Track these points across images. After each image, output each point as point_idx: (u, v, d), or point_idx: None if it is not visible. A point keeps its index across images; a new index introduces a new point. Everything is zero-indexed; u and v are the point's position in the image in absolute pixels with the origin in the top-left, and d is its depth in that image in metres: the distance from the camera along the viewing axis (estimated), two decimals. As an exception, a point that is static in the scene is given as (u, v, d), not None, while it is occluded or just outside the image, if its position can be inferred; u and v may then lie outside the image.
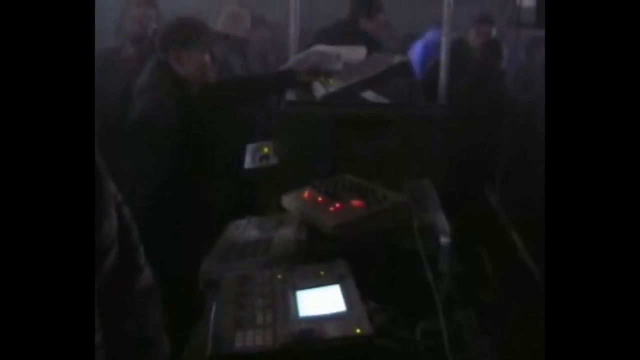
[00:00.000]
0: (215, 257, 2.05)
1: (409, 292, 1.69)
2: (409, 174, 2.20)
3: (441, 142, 2.25)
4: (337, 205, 1.89)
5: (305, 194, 2.04)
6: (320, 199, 1.97)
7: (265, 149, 2.71)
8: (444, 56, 3.13)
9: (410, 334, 1.61)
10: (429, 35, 4.63)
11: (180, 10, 4.36)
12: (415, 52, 4.55)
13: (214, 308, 1.54)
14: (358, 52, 2.88)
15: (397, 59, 2.46)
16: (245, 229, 2.22)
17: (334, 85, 2.49)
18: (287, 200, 2.09)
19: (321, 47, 2.86)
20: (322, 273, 1.63)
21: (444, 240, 1.83)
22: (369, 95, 2.40)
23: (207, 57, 2.59)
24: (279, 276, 1.65)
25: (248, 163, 2.63)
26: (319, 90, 2.52)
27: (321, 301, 1.50)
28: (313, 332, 1.35)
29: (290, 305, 1.49)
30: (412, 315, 1.64)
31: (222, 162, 2.63)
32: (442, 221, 1.90)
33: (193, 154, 2.49)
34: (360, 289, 1.56)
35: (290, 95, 2.59)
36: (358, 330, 1.34)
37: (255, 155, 2.68)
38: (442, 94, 3.15)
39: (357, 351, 1.34)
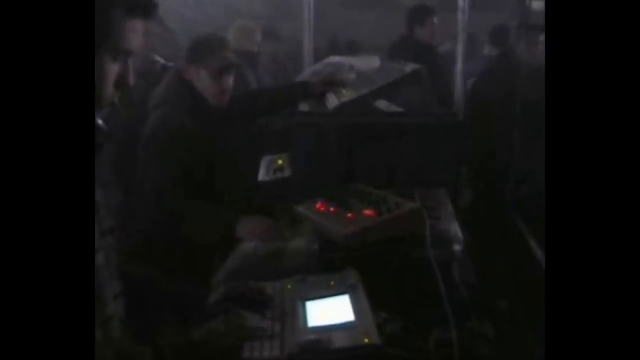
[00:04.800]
0: (228, 269, 2.05)
1: (422, 301, 1.66)
2: (423, 183, 2.17)
3: (455, 150, 2.22)
4: (349, 214, 1.88)
5: (318, 204, 2.03)
6: (332, 208, 1.96)
7: (280, 161, 2.70)
8: (459, 65, 3.13)
9: (423, 343, 1.58)
10: None
11: (194, 24, 4.40)
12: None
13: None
14: (372, 62, 2.87)
15: (409, 67, 2.44)
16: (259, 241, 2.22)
17: (347, 95, 2.47)
18: (300, 211, 2.08)
19: (334, 58, 2.86)
20: (332, 283, 1.62)
21: (457, 248, 1.80)
22: (382, 104, 2.38)
23: (230, 79, 2.52)
24: (289, 287, 1.64)
25: (262, 175, 2.62)
26: (332, 100, 2.51)
27: (330, 311, 1.49)
28: (320, 342, 1.33)
29: (299, 316, 1.48)
30: (426, 324, 1.61)
31: (235, 176, 2.61)
32: (455, 229, 1.88)
33: (207, 168, 2.48)
34: (372, 299, 1.55)
35: (303, 107, 2.58)
36: (366, 340, 1.32)
37: (269, 168, 2.67)
38: (458, 103, 3.15)
39: (366, 360, 1.32)
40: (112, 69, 1.21)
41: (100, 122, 1.21)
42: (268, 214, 2.35)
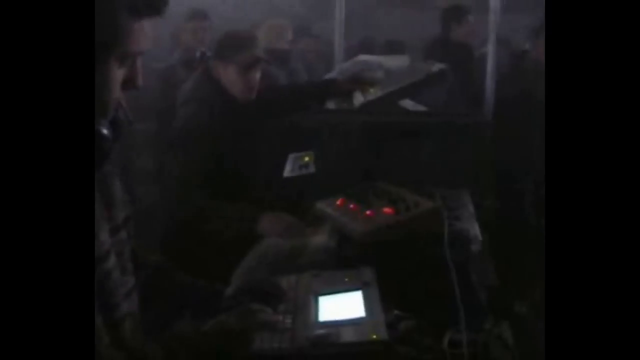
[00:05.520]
0: (248, 264, 2.07)
1: (438, 301, 1.65)
2: (446, 183, 2.16)
3: (480, 151, 2.20)
4: (368, 212, 1.88)
5: (338, 201, 2.04)
6: (352, 206, 1.97)
7: (306, 158, 2.71)
8: (490, 66, 3.09)
9: (436, 343, 1.57)
10: None
11: (232, 23, 4.45)
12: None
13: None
14: (401, 61, 2.86)
15: (436, 67, 2.43)
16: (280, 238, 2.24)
17: (373, 93, 2.47)
18: (321, 207, 2.09)
19: (364, 57, 2.86)
20: (346, 279, 1.62)
21: (476, 249, 1.79)
22: (407, 103, 2.38)
23: (256, 75, 2.54)
24: (304, 282, 1.65)
25: (287, 171, 2.63)
26: (358, 98, 2.52)
27: (342, 307, 1.49)
28: (329, 336, 1.34)
29: (311, 310, 1.48)
30: (441, 324, 1.60)
31: (260, 172, 2.63)
32: (475, 230, 1.86)
33: (233, 164, 2.50)
34: (387, 297, 1.54)
35: (330, 104, 2.59)
36: (374, 336, 1.32)
37: (295, 164, 2.68)
38: (488, 104, 3.11)
39: (375, 357, 1.32)
40: (119, 73, 1.16)
41: (104, 130, 1.17)
42: (291, 210, 2.37)
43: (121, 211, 1.34)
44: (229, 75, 2.47)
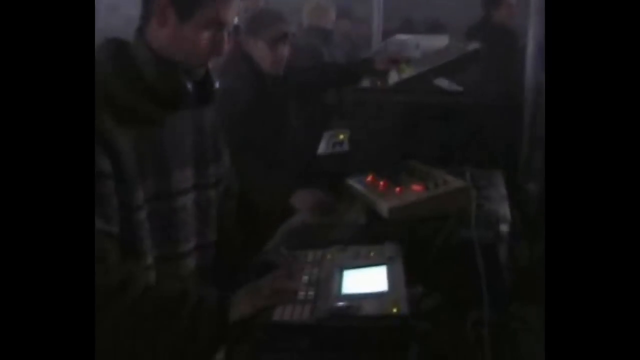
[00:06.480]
0: (280, 236, 2.09)
1: (463, 281, 1.64)
2: (480, 163, 2.14)
3: (514, 131, 2.17)
4: (397, 189, 1.87)
5: (369, 178, 2.03)
6: (382, 183, 1.96)
7: (341, 136, 2.72)
8: (530, 49, 3.03)
9: (460, 322, 1.57)
10: None
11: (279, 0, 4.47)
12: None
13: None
14: (439, 41, 2.83)
15: (471, 46, 2.40)
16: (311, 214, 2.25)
17: (408, 72, 2.46)
18: (350, 184, 2.09)
19: (401, 36, 2.84)
20: (372, 254, 1.62)
21: (504, 229, 1.77)
22: (442, 82, 2.36)
23: (284, 49, 2.62)
24: (329, 256, 1.65)
25: (321, 149, 2.64)
26: (394, 77, 2.51)
27: (365, 281, 1.49)
28: (350, 308, 1.34)
29: (334, 283, 1.49)
30: (465, 304, 1.59)
31: (294, 147, 2.65)
32: (505, 211, 1.84)
33: (266, 138, 2.53)
34: (413, 274, 1.54)
35: (365, 83, 2.59)
36: (394, 310, 1.32)
37: (329, 142, 2.69)
38: (528, 87, 3.06)
39: (394, 332, 1.32)
40: (203, 36, 1.33)
41: (188, 85, 1.35)
42: (325, 187, 2.37)
43: (217, 175, 1.57)
44: (259, 51, 2.56)
